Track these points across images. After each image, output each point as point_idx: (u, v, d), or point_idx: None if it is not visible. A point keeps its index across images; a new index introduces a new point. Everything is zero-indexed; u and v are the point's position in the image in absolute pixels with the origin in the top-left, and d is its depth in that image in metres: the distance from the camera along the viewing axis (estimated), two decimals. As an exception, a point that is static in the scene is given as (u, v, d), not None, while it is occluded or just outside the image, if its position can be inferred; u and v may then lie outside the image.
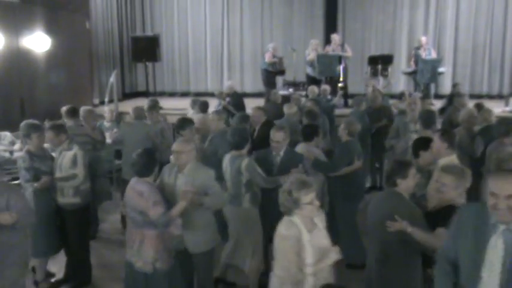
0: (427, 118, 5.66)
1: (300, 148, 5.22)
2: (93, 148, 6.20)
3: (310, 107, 6.98)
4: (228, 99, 9.12)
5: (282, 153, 4.77)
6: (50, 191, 4.77)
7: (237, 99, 9.22)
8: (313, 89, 9.10)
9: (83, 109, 6.50)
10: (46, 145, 5.07)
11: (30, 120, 4.95)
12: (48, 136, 4.83)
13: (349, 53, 11.09)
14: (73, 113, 6.28)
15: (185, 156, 3.95)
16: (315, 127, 5.50)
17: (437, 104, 9.69)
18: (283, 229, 3.06)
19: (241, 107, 9.00)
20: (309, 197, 3.00)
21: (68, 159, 4.74)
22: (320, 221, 3.17)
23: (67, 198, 4.78)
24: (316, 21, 13.42)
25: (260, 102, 10.06)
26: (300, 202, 2.99)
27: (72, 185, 4.74)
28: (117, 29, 12.91)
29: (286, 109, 6.95)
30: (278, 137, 4.73)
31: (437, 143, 4.21)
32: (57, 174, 4.75)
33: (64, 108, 6.39)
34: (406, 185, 3.47)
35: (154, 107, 6.90)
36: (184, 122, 5.50)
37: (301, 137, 5.40)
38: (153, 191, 3.75)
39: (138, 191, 3.74)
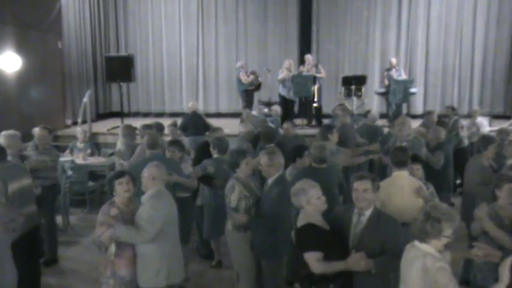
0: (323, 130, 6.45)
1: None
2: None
3: (267, 128, 7.02)
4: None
5: (270, 181, 4.34)
6: None
7: (194, 119, 9.20)
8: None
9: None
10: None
11: None
12: None
13: (323, 73, 11.23)
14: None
15: (143, 181, 3.93)
16: (299, 148, 5.48)
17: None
18: (433, 261, 2.82)
19: (199, 126, 8.98)
20: (450, 232, 2.87)
21: None
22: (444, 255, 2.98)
23: None
24: (291, 42, 13.57)
25: (236, 122, 10.05)
26: (442, 233, 2.84)
27: None
28: (91, 48, 12.77)
29: (241, 128, 7.01)
30: (261, 160, 4.40)
31: None
32: None
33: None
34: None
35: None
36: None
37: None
38: (102, 211, 3.84)
39: None
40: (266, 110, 10.69)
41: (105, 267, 3.80)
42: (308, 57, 11.29)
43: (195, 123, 9.04)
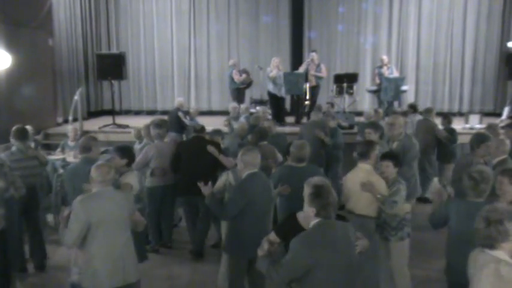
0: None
1: None
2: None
3: (263, 125, 7.02)
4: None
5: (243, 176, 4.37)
6: None
7: (170, 117, 9.29)
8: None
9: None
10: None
11: None
12: None
13: (323, 73, 11.08)
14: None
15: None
16: (289, 145, 5.46)
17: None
18: (509, 269, 2.56)
19: (171, 124, 8.92)
20: None
21: None
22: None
23: None
24: (282, 40, 13.59)
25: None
26: (509, 234, 2.62)
27: None
28: (82, 46, 12.70)
29: (234, 125, 7.05)
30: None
31: None
32: None
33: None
34: None
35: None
36: None
37: None
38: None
39: None
40: (258, 108, 10.70)
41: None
42: (313, 55, 11.10)
43: (170, 120, 9.03)
